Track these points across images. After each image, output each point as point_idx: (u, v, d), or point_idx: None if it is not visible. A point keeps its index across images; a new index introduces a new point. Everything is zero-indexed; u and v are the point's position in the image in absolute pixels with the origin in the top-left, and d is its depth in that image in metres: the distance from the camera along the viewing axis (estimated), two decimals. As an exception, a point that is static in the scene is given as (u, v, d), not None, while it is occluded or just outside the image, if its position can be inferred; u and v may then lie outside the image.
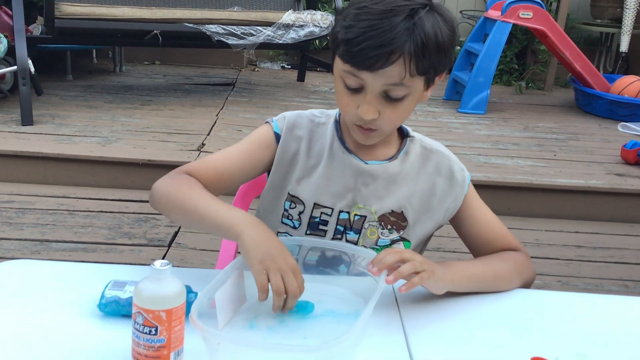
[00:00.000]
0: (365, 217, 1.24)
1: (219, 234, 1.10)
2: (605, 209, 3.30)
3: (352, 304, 1.08)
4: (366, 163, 1.24)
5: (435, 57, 1.09)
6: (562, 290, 2.48)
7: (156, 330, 0.85)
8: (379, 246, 1.25)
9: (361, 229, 1.25)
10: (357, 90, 1.12)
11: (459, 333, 1.05)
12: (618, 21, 5.70)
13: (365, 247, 1.24)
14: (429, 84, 1.16)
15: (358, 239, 1.25)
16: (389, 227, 1.25)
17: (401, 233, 1.26)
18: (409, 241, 1.27)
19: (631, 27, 5.61)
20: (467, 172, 1.30)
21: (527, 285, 1.24)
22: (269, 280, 0.99)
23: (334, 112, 1.30)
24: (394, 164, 1.25)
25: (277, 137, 1.26)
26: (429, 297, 1.13)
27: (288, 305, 1.00)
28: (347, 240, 1.25)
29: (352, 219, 1.24)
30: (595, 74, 4.87)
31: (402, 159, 1.26)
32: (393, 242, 1.26)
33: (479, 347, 1.01)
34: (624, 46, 5.68)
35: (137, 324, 0.86)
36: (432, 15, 1.09)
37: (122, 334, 0.93)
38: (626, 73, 5.52)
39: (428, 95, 1.19)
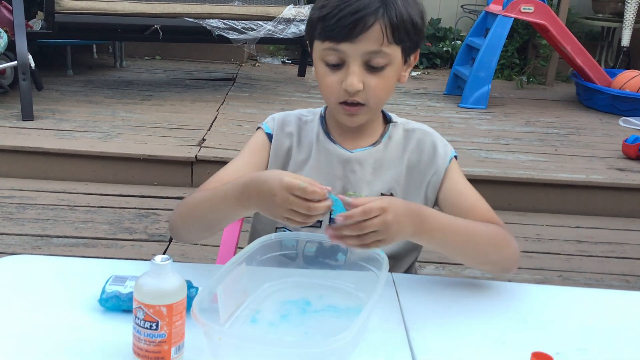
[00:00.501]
0: None
1: (235, 213, 1.15)
2: (606, 203, 3.30)
3: (354, 299, 1.08)
4: (351, 152, 1.27)
5: (409, 26, 1.15)
6: (563, 285, 2.49)
7: (157, 325, 0.85)
8: None
9: None
10: (339, 66, 1.16)
11: (460, 328, 1.05)
12: (620, 15, 5.69)
13: None
14: (405, 58, 1.20)
15: None
16: None
17: None
18: None
19: (633, 22, 5.60)
20: (450, 147, 1.32)
21: (506, 260, 1.19)
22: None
23: (319, 110, 1.34)
24: (378, 148, 1.28)
25: (270, 137, 1.31)
26: (430, 292, 1.14)
27: (320, 213, 0.99)
28: None
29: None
30: (597, 69, 4.85)
31: (386, 143, 1.29)
32: None
33: (479, 341, 1.02)
34: (625, 41, 5.67)
35: (138, 319, 0.86)
36: None
37: (123, 329, 0.93)
38: (627, 68, 5.50)
39: (407, 76, 1.24)
